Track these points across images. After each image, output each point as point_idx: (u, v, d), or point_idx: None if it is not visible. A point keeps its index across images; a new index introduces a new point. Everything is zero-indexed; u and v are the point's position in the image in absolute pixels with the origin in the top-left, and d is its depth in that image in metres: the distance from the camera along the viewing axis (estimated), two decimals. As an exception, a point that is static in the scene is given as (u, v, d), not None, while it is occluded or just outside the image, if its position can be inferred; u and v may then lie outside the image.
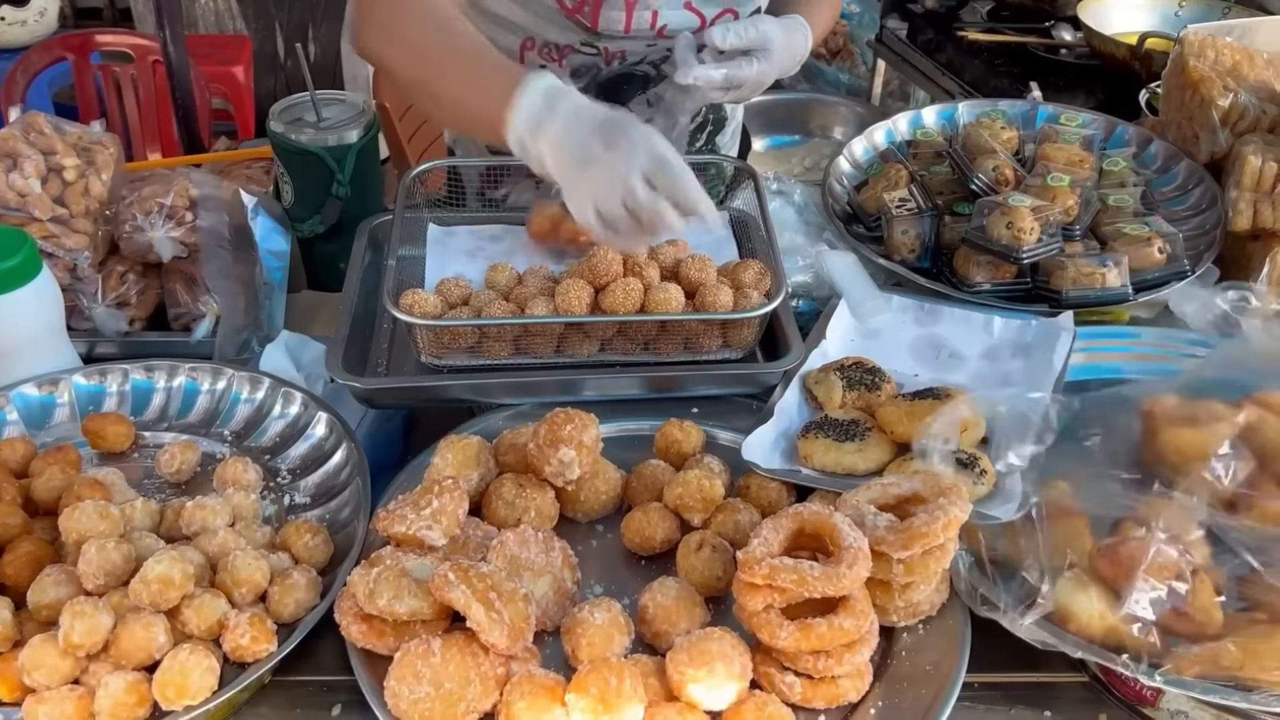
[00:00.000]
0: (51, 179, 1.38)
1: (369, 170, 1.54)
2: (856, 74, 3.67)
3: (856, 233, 1.52)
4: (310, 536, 1.05)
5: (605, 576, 1.09)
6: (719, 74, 1.28)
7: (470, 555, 1.03)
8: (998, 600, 0.99)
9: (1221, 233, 1.43)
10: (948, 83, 2.74)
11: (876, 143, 1.69)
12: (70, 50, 2.99)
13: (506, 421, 1.23)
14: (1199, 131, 1.54)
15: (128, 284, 1.41)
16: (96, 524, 1.00)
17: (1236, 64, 1.57)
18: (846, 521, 0.97)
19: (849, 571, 0.92)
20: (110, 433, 1.20)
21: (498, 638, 0.90)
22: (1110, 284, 1.35)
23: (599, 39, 1.47)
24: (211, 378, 1.28)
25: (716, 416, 1.25)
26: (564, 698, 0.89)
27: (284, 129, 1.48)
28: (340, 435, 1.19)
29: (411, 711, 0.89)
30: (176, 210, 1.40)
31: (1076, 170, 1.47)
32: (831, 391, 1.23)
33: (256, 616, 0.96)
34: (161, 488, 1.18)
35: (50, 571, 0.98)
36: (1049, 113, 1.68)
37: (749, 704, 0.91)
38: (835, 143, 3.19)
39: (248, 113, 3.35)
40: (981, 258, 1.38)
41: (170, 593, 0.94)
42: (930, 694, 0.96)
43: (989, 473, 1.09)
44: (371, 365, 1.32)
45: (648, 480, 1.15)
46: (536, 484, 1.10)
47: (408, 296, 1.26)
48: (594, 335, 1.28)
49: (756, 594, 0.94)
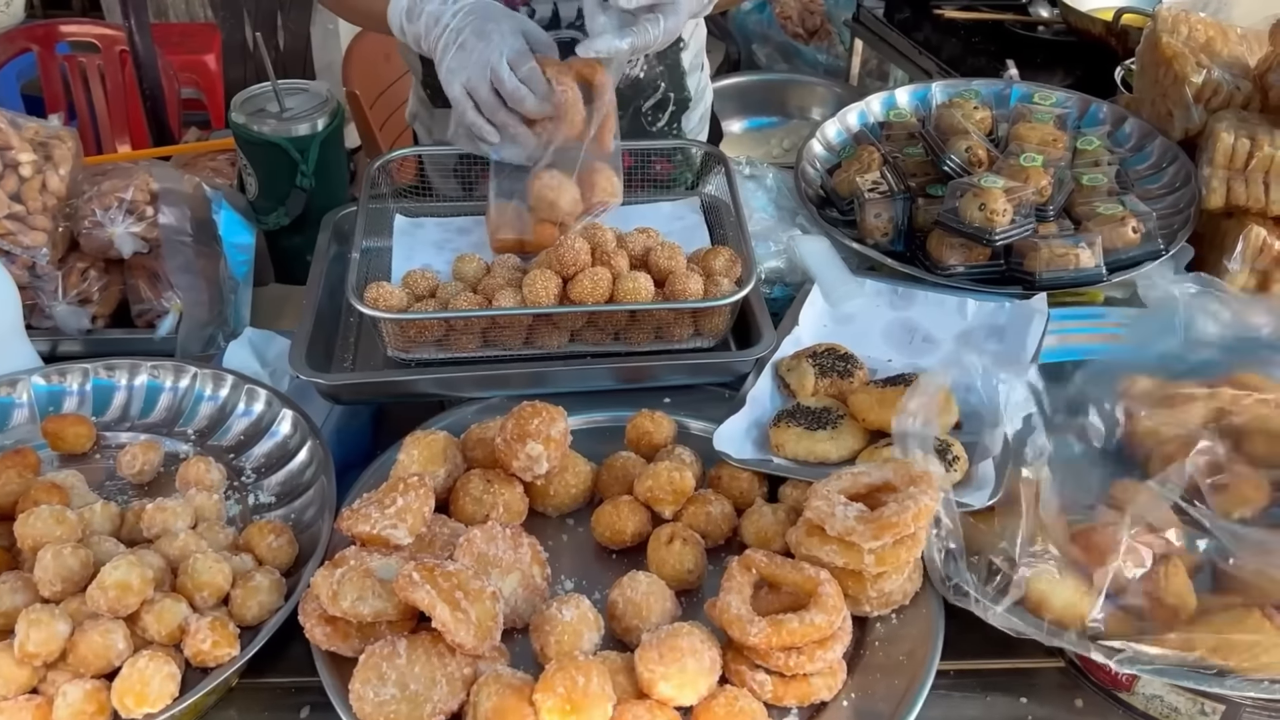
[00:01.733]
0: (7, 175, 1.35)
1: (334, 160, 1.51)
2: (834, 54, 3.64)
3: (829, 216, 1.50)
4: (274, 537, 1.04)
5: (576, 571, 1.08)
6: (624, 44, 1.22)
7: (437, 553, 1.01)
8: (969, 588, 0.98)
9: (1196, 211, 1.42)
10: (925, 61, 2.72)
11: (849, 124, 1.67)
12: (35, 41, 2.95)
13: (476, 415, 1.21)
14: (1173, 108, 1.53)
15: (89, 280, 1.39)
16: (53, 529, 0.98)
17: (1210, 39, 1.56)
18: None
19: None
20: (70, 434, 1.18)
21: (464, 637, 0.89)
22: (1084, 264, 1.34)
23: None
24: (174, 376, 1.26)
25: (688, 406, 1.24)
26: (532, 697, 0.87)
27: (246, 120, 1.45)
28: (305, 433, 1.17)
29: (376, 714, 0.88)
30: (137, 205, 1.38)
31: (1050, 149, 1.45)
32: (804, 379, 1.21)
33: (218, 620, 0.94)
34: (124, 489, 1.16)
35: (6, 578, 0.96)
36: (1023, 92, 1.66)
37: (720, 699, 0.89)
38: (813, 124, 3.16)
39: (219, 102, 3.30)
40: (954, 240, 1.37)
41: (129, 598, 0.92)
42: (904, 684, 0.95)
43: (962, 459, 1.08)
44: (337, 360, 1.30)
45: (618, 473, 1.13)
46: (505, 479, 1.09)
47: (373, 290, 1.24)
48: (563, 326, 1.26)
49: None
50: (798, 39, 3.68)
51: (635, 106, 1.61)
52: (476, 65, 1.23)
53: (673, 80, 1.63)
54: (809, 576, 0.95)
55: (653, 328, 1.26)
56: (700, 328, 1.27)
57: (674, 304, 1.23)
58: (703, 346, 1.28)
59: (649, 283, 1.24)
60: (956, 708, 1.01)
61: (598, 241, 1.27)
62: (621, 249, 1.29)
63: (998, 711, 1.01)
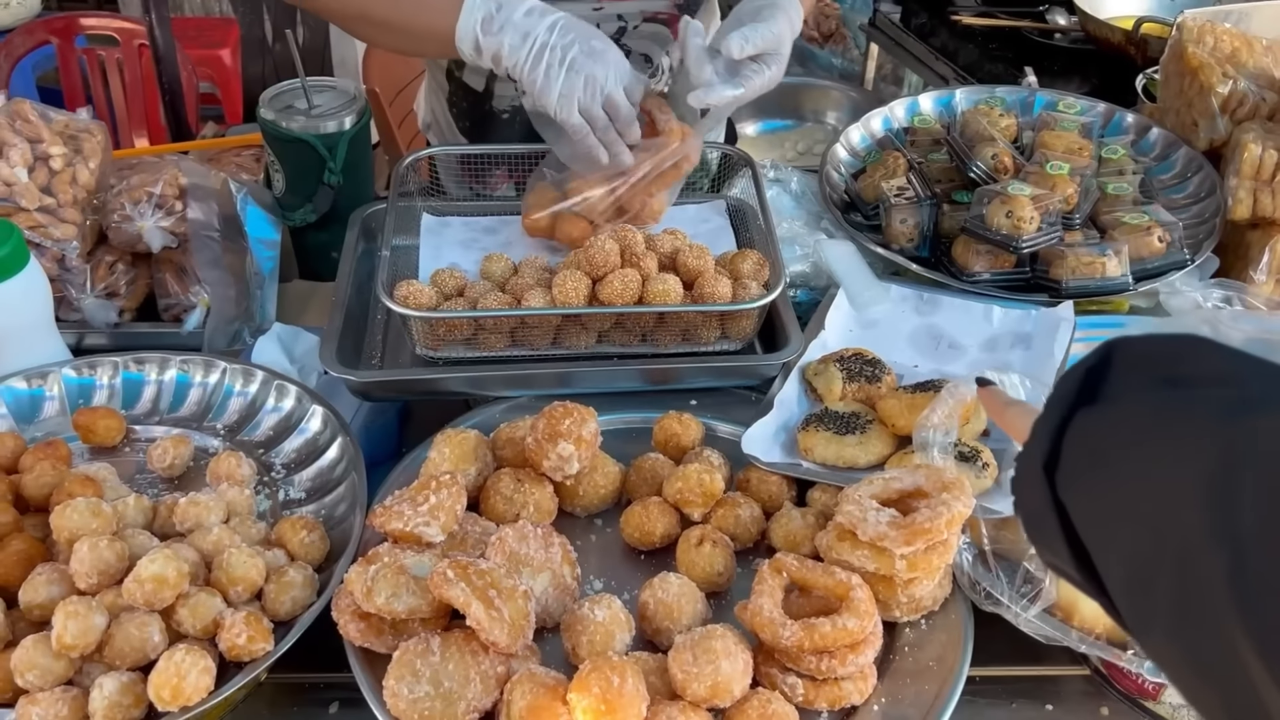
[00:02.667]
0: (38, 168, 1.36)
1: (361, 158, 1.52)
2: (849, 58, 3.65)
3: (854, 221, 1.50)
4: (306, 533, 1.04)
5: (604, 572, 1.08)
6: (735, 93, 1.24)
7: (469, 551, 1.02)
8: (1000, 594, 0.98)
9: (1221, 221, 1.42)
10: (941, 67, 2.72)
11: (874, 130, 1.67)
12: (54, 34, 2.95)
13: (503, 414, 1.22)
14: (1198, 118, 1.53)
15: (117, 274, 1.39)
16: (89, 522, 0.98)
17: (1236, 50, 1.56)
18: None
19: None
20: (101, 427, 1.18)
21: (498, 636, 0.89)
22: (1110, 273, 1.34)
23: None
24: (203, 371, 1.26)
25: (715, 409, 1.24)
26: (565, 697, 0.88)
27: (275, 116, 1.46)
28: (335, 429, 1.17)
29: (411, 711, 0.88)
30: (166, 199, 1.38)
31: (1075, 158, 1.46)
32: (831, 383, 1.22)
33: (253, 615, 0.94)
34: (154, 483, 1.17)
35: (42, 570, 0.96)
36: (1047, 100, 1.67)
37: (753, 702, 0.90)
38: (828, 128, 3.17)
39: (235, 97, 3.32)
40: (981, 247, 1.37)
41: (165, 592, 0.92)
42: (934, 689, 0.95)
43: (991, 466, 1.09)
44: (366, 357, 1.31)
45: (647, 474, 1.14)
46: (535, 478, 1.09)
47: (402, 288, 1.25)
48: (591, 327, 1.26)
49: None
50: (813, 43, 3.68)
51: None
52: (590, 89, 1.21)
53: None
54: (840, 581, 0.96)
55: (680, 330, 1.27)
56: (727, 331, 1.27)
57: (704, 306, 1.24)
58: (730, 349, 1.28)
59: (678, 285, 1.24)
60: (982, 714, 1.01)
61: (627, 243, 1.27)
62: (651, 250, 1.29)
63: (1023, 718, 1.01)
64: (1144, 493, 0.56)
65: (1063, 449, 0.62)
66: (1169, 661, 0.55)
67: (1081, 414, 0.62)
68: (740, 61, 1.24)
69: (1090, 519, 0.60)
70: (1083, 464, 0.61)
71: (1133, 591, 0.57)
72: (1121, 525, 0.57)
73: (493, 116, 1.63)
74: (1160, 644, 0.55)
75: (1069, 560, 0.62)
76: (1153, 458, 0.56)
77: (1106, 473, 0.59)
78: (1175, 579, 0.52)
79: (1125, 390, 0.61)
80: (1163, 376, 0.60)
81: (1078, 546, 0.61)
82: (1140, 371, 0.61)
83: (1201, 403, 0.56)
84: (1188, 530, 0.52)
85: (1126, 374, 0.62)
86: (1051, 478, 0.62)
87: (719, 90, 1.23)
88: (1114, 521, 0.58)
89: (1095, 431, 0.61)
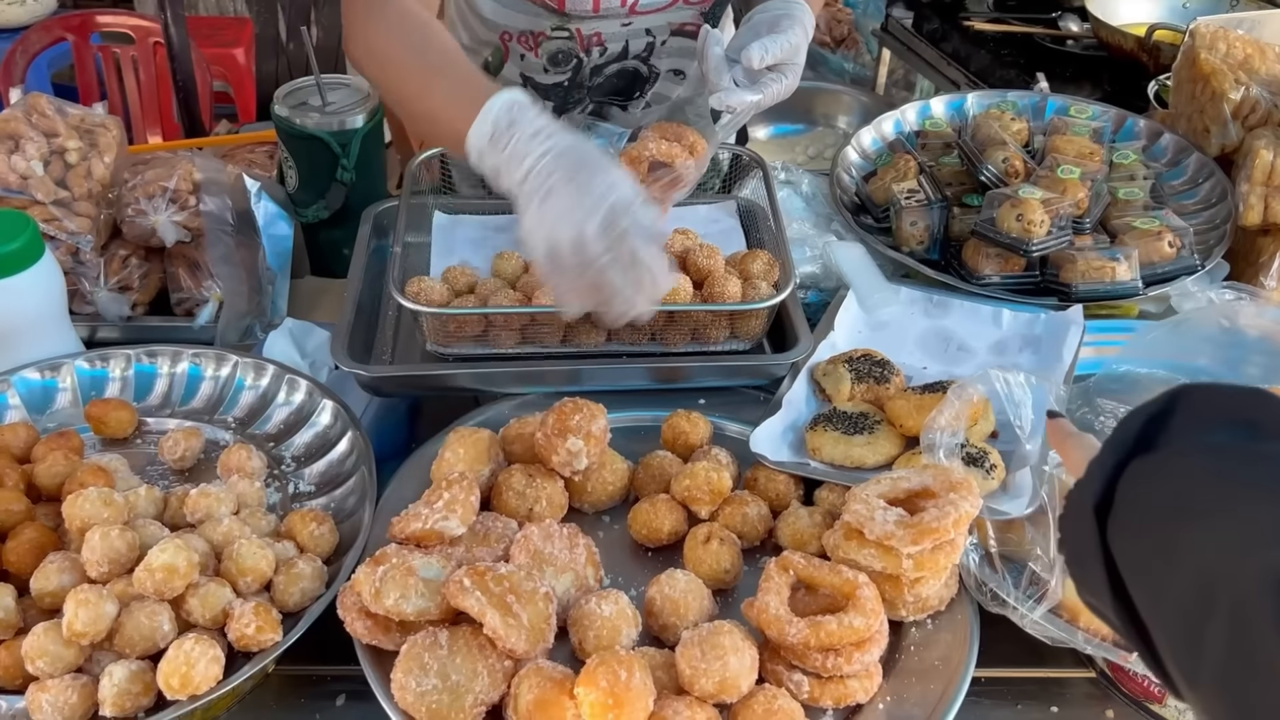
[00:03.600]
0: (54, 161, 1.37)
1: (374, 155, 1.53)
2: (861, 62, 3.65)
3: (865, 223, 1.51)
4: (315, 525, 1.05)
5: (612, 568, 1.09)
6: (754, 98, 1.25)
7: (492, 547, 1.02)
8: (1006, 595, 0.98)
9: (1232, 227, 1.42)
10: (953, 73, 2.73)
11: (885, 133, 1.68)
12: (70, 31, 2.97)
13: (513, 411, 1.22)
14: (1210, 124, 1.53)
15: (130, 268, 1.40)
16: (100, 511, 0.99)
17: (1248, 57, 1.56)
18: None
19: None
20: (113, 418, 1.19)
21: (516, 643, 0.89)
22: (1120, 278, 1.34)
23: (569, 20, 1.46)
24: (215, 364, 1.27)
25: (724, 408, 1.25)
26: (573, 690, 0.88)
27: (289, 113, 1.47)
28: (345, 423, 1.18)
29: (418, 704, 0.89)
30: (180, 194, 1.39)
31: (1087, 163, 1.46)
32: (840, 384, 1.22)
33: (262, 605, 0.95)
34: (165, 474, 1.17)
35: (54, 559, 0.97)
36: (1059, 104, 1.67)
37: (759, 698, 0.90)
38: (839, 131, 3.18)
39: (248, 95, 3.33)
40: (991, 250, 1.37)
41: (175, 581, 0.93)
42: (939, 689, 0.95)
43: (999, 467, 1.09)
44: (377, 353, 1.31)
45: (655, 471, 1.14)
46: (546, 474, 1.09)
47: (414, 284, 1.25)
48: (601, 325, 1.27)
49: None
50: (825, 47, 3.68)
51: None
52: (562, 220, 1.00)
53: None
54: (847, 579, 0.96)
55: (689, 329, 1.27)
56: (737, 330, 1.28)
57: (713, 306, 1.24)
58: (739, 349, 1.29)
59: (688, 284, 1.25)
60: (987, 715, 1.01)
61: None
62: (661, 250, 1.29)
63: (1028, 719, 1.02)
64: (1200, 543, 0.55)
65: (1116, 495, 0.62)
66: (1217, 713, 0.54)
67: (1139, 461, 0.61)
68: (759, 70, 1.25)
69: (1139, 566, 0.60)
70: (1136, 512, 0.60)
71: (1182, 640, 0.56)
72: (1173, 574, 0.57)
73: None
74: (1208, 695, 0.55)
75: (1111, 605, 0.62)
76: (1211, 509, 0.56)
77: (1160, 522, 0.58)
78: (1229, 628, 0.52)
79: (1186, 439, 0.61)
80: (1226, 427, 0.60)
81: (1121, 591, 0.61)
82: (1203, 420, 0.61)
83: (1267, 458, 0.56)
84: (1246, 579, 0.52)
85: (1189, 422, 0.61)
86: (1102, 521, 0.62)
87: (739, 94, 1.24)
88: (1165, 570, 0.57)
89: (1152, 481, 0.60)
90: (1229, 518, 0.55)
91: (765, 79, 1.26)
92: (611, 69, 1.52)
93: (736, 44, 1.28)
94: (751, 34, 1.27)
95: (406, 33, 1.23)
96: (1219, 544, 0.55)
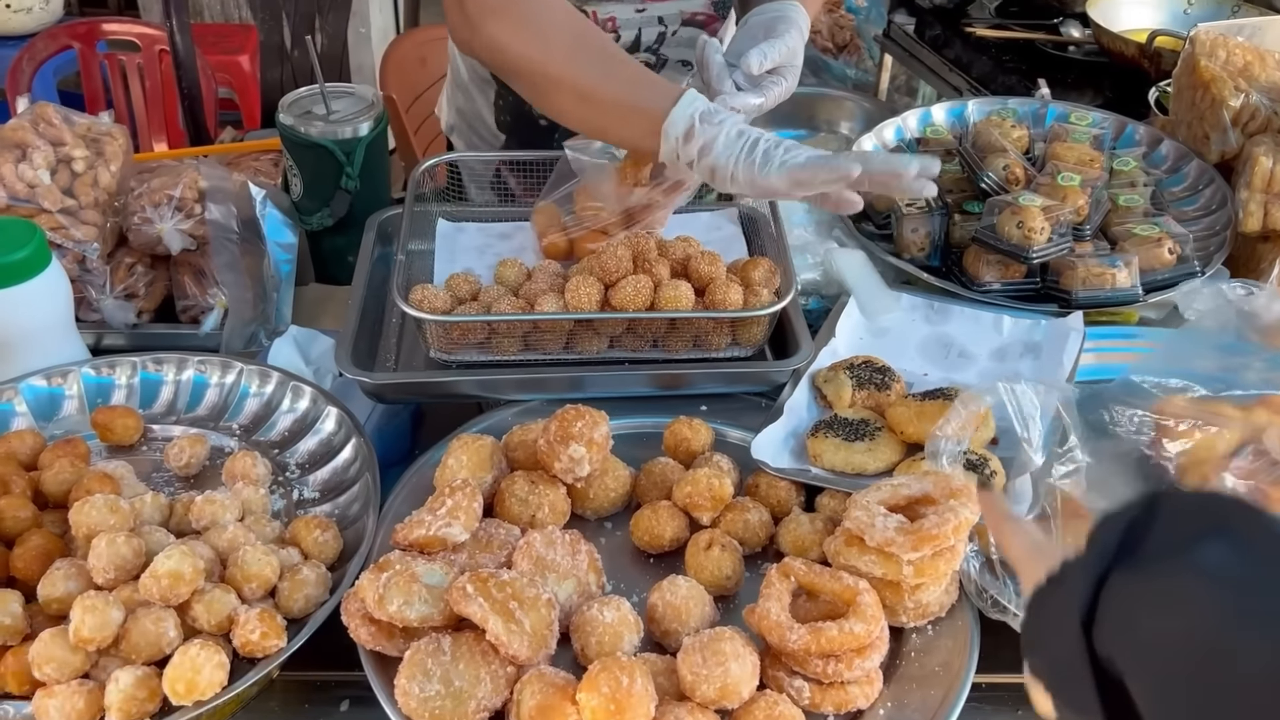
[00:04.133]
0: (60, 170, 1.38)
1: (378, 163, 1.54)
2: (863, 69, 3.66)
3: (866, 230, 1.51)
4: (320, 532, 1.05)
5: (614, 575, 1.09)
6: (758, 101, 1.26)
7: (495, 554, 1.03)
8: (1007, 601, 0.99)
9: (1232, 233, 1.43)
10: (955, 79, 2.73)
11: (885, 140, 1.68)
12: (76, 38, 2.99)
13: (515, 418, 1.23)
14: (1210, 131, 1.54)
15: (136, 276, 1.41)
16: (106, 518, 1.00)
17: (1248, 64, 1.56)
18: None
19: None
20: (119, 426, 1.20)
21: (518, 649, 0.90)
22: (1120, 284, 1.35)
23: (585, 2, 1.47)
24: (220, 371, 1.28)
25: (725, 415, 1.25)
26: (575, 696, 0.89)
27: (293, 122, 1.48)
28: (350, 430, 1.18)
29: (421, 709, 0.89)
30: (185, 202, 1.40)
31: (1087, 170, 1.47)
32: (841, 390, 1.22)
33: (266, 612, 0.95)
34: (170, 481, 1.18)
35: (60, 565, 0.98)
36: (1059, 111, 1.68)
37: (760, 703, 0.91)
38: (842, 137, 3.18)
39: (253, 103, 3.35)
40: (991, 257, 1.38)
41: (180, 588, 0.94)
42: (939, 695, 0.96)
43: (999, 474, 1.09)
44: (380, 360, 1.32)
45: (657, 478, 1.15)
46: (549, 480, 1.10)
47: (417, 291, 1.26)
48: (603, 332, 1.27)
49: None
50: (827, 53, 3.69)
51: None
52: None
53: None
54: (848, 586, 0.97)
55: (691, 336, 1.28)
56: (738, 337, 1.28)
57: (715, 313, 1.25)
58: (740, 356, 1.29)
59: (690, 291, 1.25)
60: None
61: (639, 249, 1.29)
62: (663, 257, 1.30)
63: (1030, 725, 1.02)
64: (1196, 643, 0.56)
65: (1101, 606, 0.61)
66: None
67: (1123, 575, 0.61)
68: (758, 75, 1.26)
69: (1141, 671, 0.59)
70: (1129, 626, 0.60)
71: None
72: (1176, 668, 0.56)
73: (531, 120, 1.64)
74: None
75: (1099, 713, 0.61)
76: (1200, 624, 0.56)
77: (1157, 634, 0.58)
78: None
79: (1174, 556, 0.60)
80: (1209, 538, 0.59)
81: (1114, 701, 0.60)
82: (1185, 530, 0.60)
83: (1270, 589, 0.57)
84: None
85: (1171, 533, 0.61)
86: (1088, 630, 0.61)
87: (742, 97, 1.25)
88: (1169, 671, 0.57)
89: (1140, 595, 0.60)
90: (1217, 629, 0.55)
91: (766, 82, 1.28)
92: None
93: (735, 49, 1.29)
94: (749, 39, 1.29)
95: (571, 19, 1.25)
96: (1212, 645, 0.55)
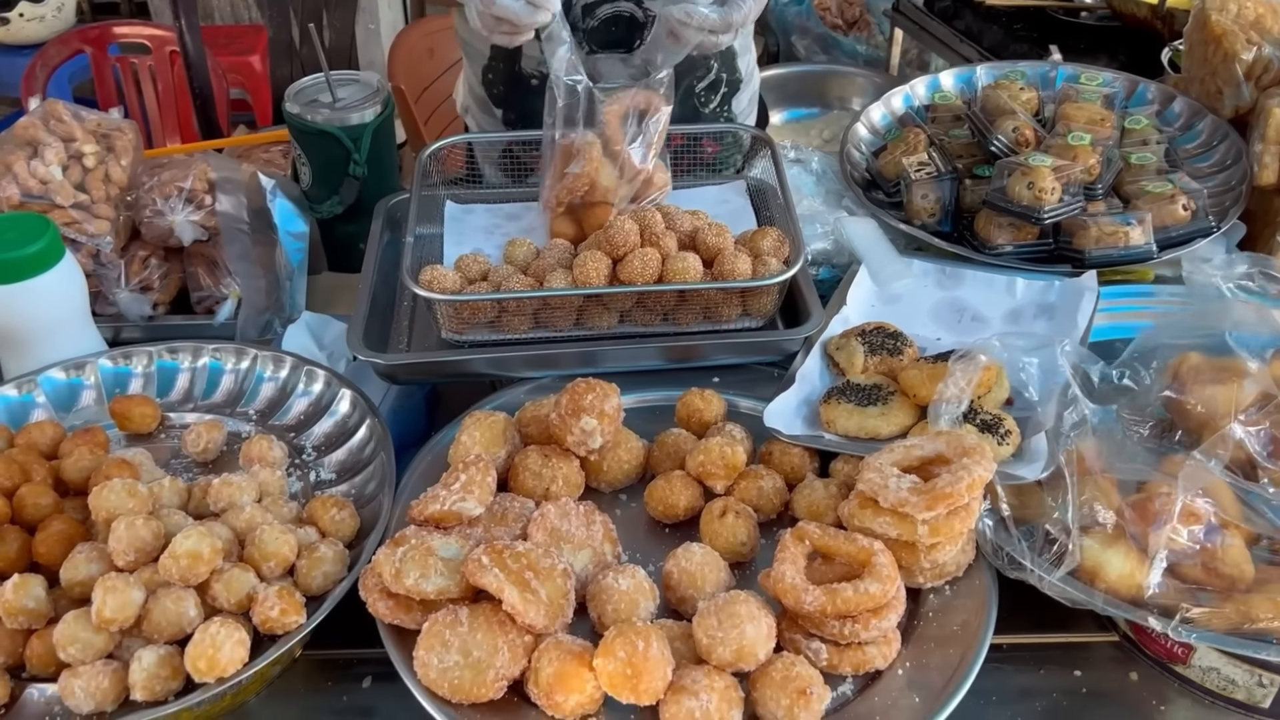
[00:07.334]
0: (72, 166, 1.39)
1: (385, 149, 1.54)
2: (874, 44, 3.64)
3: (875, 199, 1.51)
4: (336, 511, 1.06)
5: (630, 545, 1.09)
6: (715, 17, 1.27)
7: (510, 527, 1.03)
8: (1023, 558, 0.98)
9: (1247, 188, 1.41)
10: (966, 49, 2.71)
11: (894, 108, 1.67)
12: (88, 43, 3.01)
13: (528, 395, 1.23)
14: (1222, 86, 1.52)
15: (150, 268, 1.42)
16: (125, 502, 1.01)
17: (1260, 17, 1.54)
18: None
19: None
20: (137, 414, 1.21)
21: (535, 618, 0.90)
22: (1134, 242, 1.33)
23: None
24: (235, 357, 1.29)
25: (738, 385, 1.25)
26: (591, 664, 0.89)
27: (300, 110, 1.48)
28: (364, 411, 1.19)
29: (441, 680, 0.90)
30: (196, 194, 1.41)
31: (1098, 129, 1.45)
32: (853, 357, 1.22)
33: (285, 589, 0.96)
34: (188, 467, 1.19)
35: (82, 549, 0.99)
36: (1069, 73, 1.66)
37: (776, 665, 0.90)
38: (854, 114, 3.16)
39: (265, 101, 3.37)
40: (1003, 219, 1.37)
41: (199, 567, 0.95)
42: (958, 654, 0.96)
43: (1014, 434, 1.08)
44: (393, 342, 1.33)
45: (670, 449, 1.15)
46: (562, 454, 1.10)
47: (427, 273, 1.27)
48: (613, 307, 1.27)
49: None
50: (837, 30, 3.67)
51: (688, 85, 1.62)
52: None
53: (725, 60, 1.64)
54: (862, 547, 0.96)
55: (701, 308, 1.28)
56: (749, 307, 1.28)
57: (723, 284, 1.24)
58: (751, 326, 1.29)
59: (698, 263, 1.25)
60: (1010, 680, 1.01)
61: (646, 223, 1.28)
62: (670, 230, 1.30)
63: (1051, 684, 1.01)
64: None
65: None
66: None
67: None
68: None
69: None
70: None
71: None
72: None
73: (522, 81, 1.63)
74: None
75: None
76: None
77: None
78: None
79: None
80: None
81: None
82: None
83: None
84: None
85: None
86: None
87: (695, 9, 1.27)
88: None
89: None
90: None
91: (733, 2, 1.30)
92: (605, 11, 1.51)
93: None
94: None
95: None
96: None
